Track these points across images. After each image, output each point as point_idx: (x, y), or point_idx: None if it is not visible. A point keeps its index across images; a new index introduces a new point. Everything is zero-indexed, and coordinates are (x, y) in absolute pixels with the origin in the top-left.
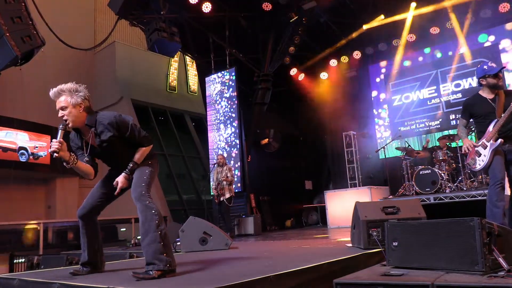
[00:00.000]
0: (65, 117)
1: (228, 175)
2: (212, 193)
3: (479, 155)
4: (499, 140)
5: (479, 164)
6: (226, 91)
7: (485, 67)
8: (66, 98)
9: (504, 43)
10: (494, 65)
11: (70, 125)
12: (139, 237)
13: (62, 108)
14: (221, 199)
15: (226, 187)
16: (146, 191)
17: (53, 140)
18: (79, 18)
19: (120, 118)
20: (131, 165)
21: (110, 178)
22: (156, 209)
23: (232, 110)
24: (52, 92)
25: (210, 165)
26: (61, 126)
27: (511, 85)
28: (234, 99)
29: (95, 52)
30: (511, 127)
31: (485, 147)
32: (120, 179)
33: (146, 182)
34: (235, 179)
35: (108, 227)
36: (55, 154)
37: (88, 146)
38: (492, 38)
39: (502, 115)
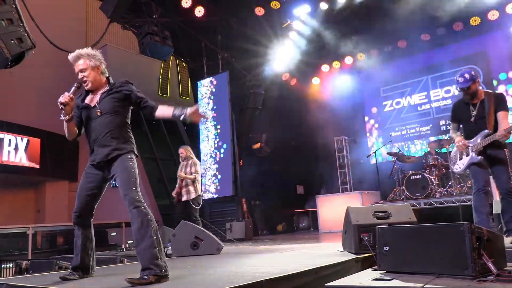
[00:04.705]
0: (84, 78)
1: (192, 170)
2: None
3: (461, 158)
4: (480, 157)
5: (456, 169)
6: (219, 95)
7: (458, 78)
8: (85, 61)
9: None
10: (461, 79)
11: (88, 86)
12: (129, 242)
13: (82, 70)
14: (184, 198)
15: (190, 184)
16: (139, 195)
17: (66, 93)
18: (70, 21)
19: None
20: (177, 111)
21: (90, 174)
22: (151, 214)
23: (224, 114)
24: (71, 56)
25: (202, 169)
26: (76, 84)
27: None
28: (226, 104)
29: None
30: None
31: (468, 154)
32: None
33: (137, 184)
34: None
35: (99, 232)
36: (62, 105)
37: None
38: (482, 45)
39: (493, 135)
